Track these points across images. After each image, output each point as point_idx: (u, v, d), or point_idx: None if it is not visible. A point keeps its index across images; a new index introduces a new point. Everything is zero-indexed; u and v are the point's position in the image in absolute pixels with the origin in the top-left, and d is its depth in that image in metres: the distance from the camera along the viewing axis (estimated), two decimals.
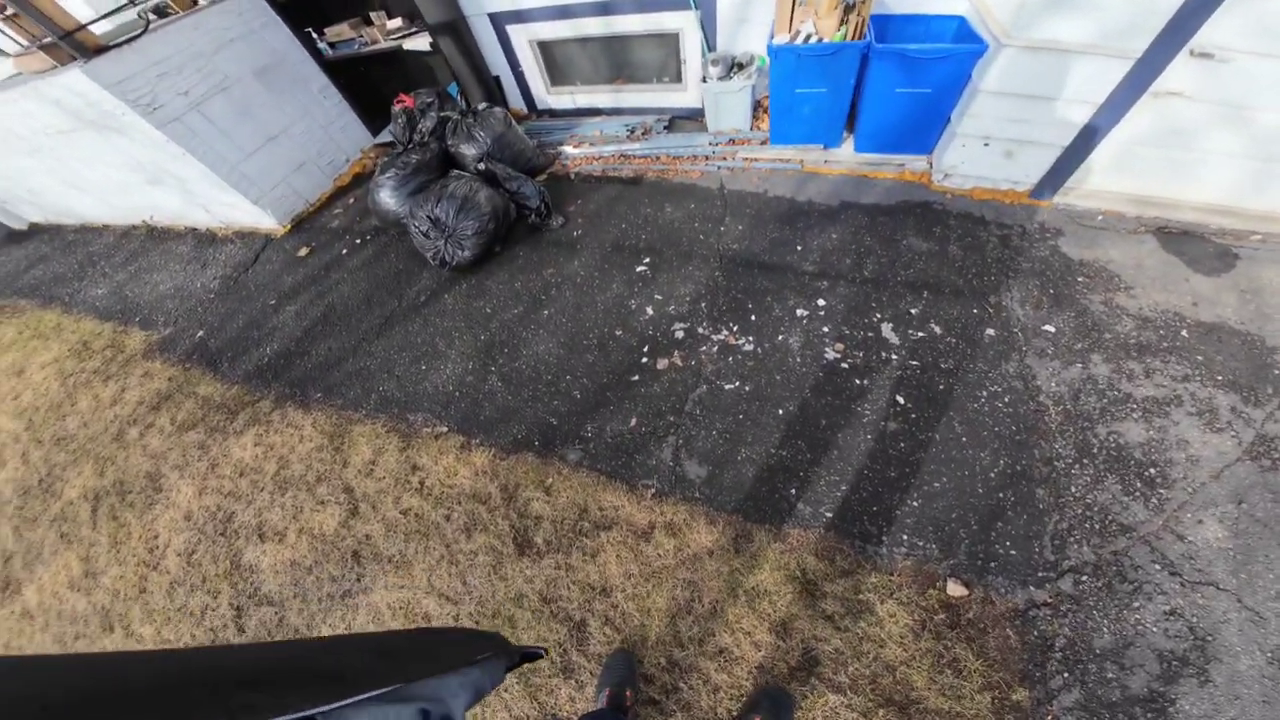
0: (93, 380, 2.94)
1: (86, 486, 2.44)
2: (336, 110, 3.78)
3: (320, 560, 1.91)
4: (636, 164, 3.19)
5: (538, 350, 2.38)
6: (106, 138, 3.01)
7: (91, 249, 4.21)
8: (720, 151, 3.04)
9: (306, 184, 3.66)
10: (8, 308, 3.87)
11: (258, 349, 2.81)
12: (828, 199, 2.67)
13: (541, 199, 2.87)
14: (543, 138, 3.54)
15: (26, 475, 2.60)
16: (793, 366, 2.08)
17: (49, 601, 2.13)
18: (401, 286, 2.88)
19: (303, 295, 3.04)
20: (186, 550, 2.08)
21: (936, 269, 2.29)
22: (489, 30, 3.31)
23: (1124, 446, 1.69)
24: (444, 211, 2.59)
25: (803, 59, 2.32)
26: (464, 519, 1.93)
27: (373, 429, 2.27)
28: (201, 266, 3.53)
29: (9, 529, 2.42)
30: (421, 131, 3.12)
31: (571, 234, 2.89)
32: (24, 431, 2.81)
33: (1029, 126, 2.16)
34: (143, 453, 2.47)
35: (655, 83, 3.37)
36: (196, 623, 1.90)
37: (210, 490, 2.23)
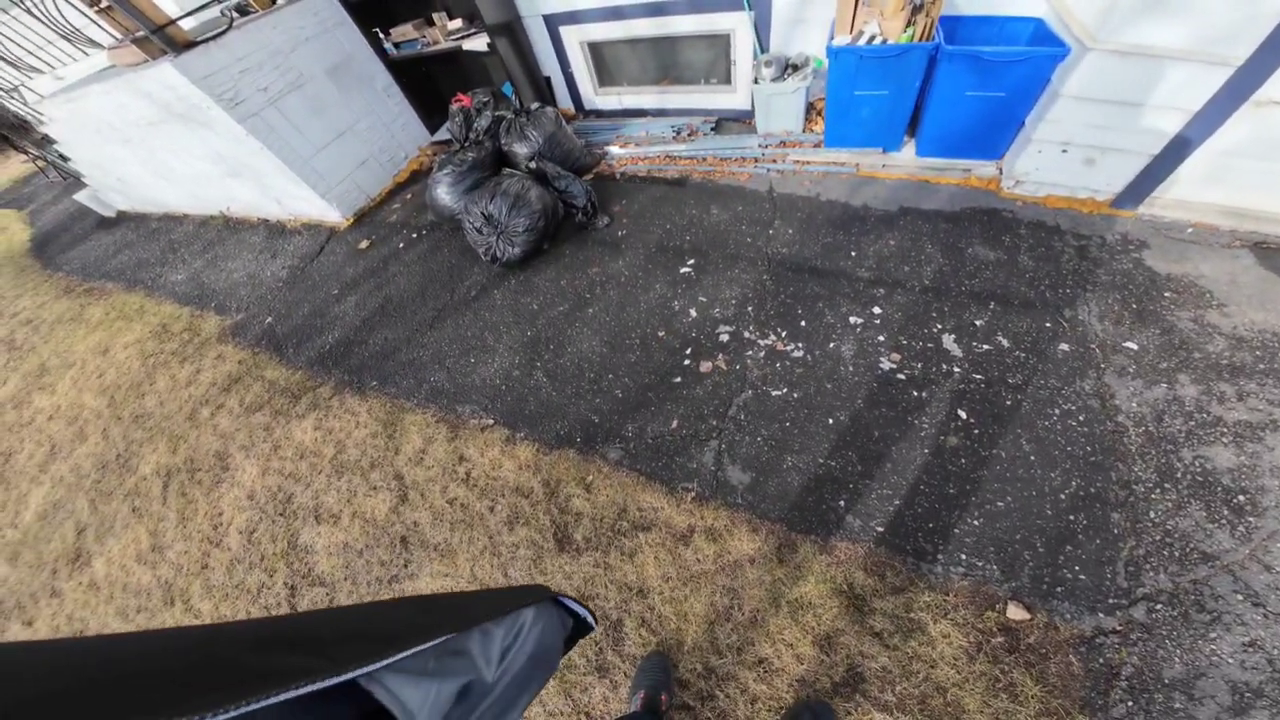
0: (170, 361, 3.18)
1: (160, 463, 2.63)
2: (398, 108, 3.95)
3: (371, 544, 2.00)
4: (682, 165, 3.18)
5: (581, 348, 2.41)
6: (193, 130, 3.24)
7: (173, 236, 4.55)
8: (770, 154, 2.99)
9: (369, 179, 3.84)
10: (97, 290, 4.23)
11: (320, 336, 2.96)
12: (885, 204, 2.58)
13: (588, 198, 2.90)
14: (590, 138, 3.58)
15: (106, 450, 2.83)
16: (844, 375, 2.03)
17: (116, 574, 2.28)
18: (454, 281, 2.98)
19: (362, 286, 3.18)
20: (248, 529, 2.21)
21: (1005, 279, 2.17)
22: (542, 31, 3.38)
23: (1211, 472, 1.56)
24: (497, 208, 2.66)
25: (865, 60, 2.25)
26: (507, 511, 1.98)
27: (423, 418, 2.35)
28: (272, 256, 3.76)
29: (85, 502, 2.63)
30: (477, 130, 3.22)
31: (616, 234, 2.91)
32: (106, 409, 3.06)
33: (1114, 133, 2.02)
34: (213, 432, 2.65)
35: (703, 84, 3.35)
36: (253, 600, 2.01)
37: (273, 471, 2.37)
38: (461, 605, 0.52)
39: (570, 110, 3.88)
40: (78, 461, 2.82)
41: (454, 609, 0.50)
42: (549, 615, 0.53)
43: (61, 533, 2.53)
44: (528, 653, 0.47)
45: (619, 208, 3.06)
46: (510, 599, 0.50)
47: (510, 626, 0.47)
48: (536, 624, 0.50)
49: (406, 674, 0.36)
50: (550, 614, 0.54)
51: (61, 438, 2.99)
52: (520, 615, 0.49)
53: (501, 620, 0.47)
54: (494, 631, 0.45)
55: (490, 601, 0.50)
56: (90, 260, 4.73)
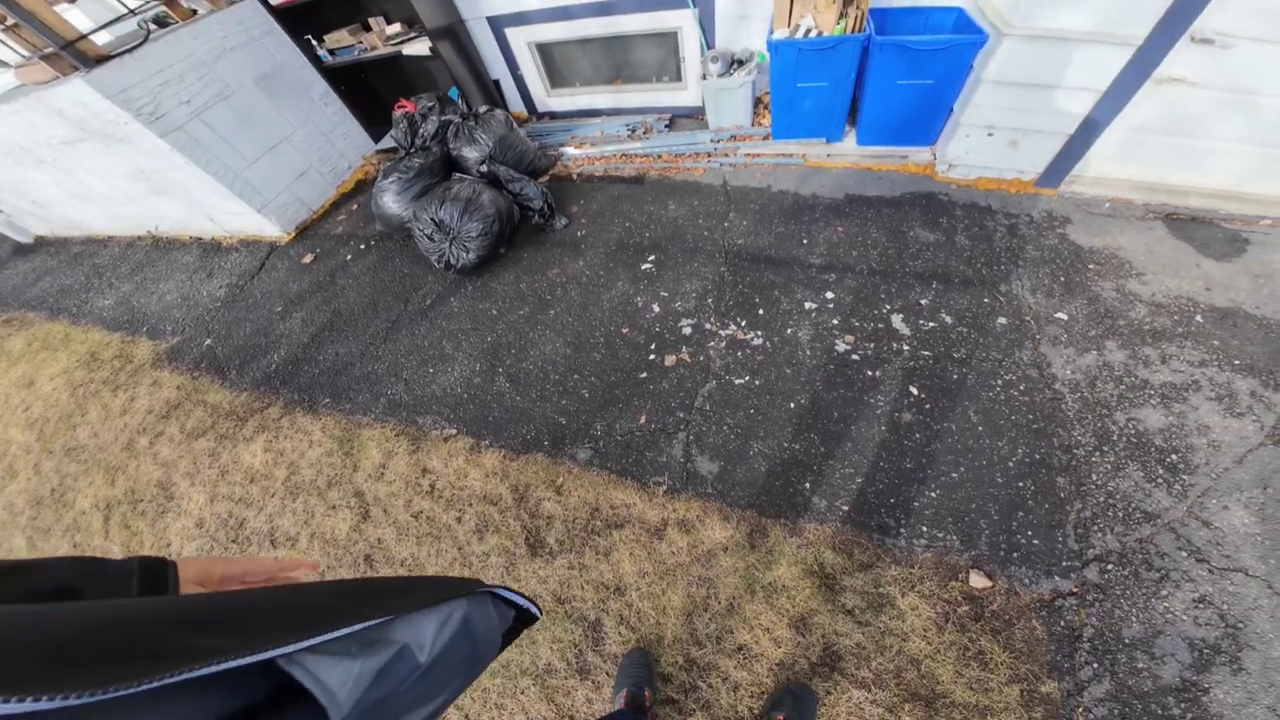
0: (102, 390, 2.94)
1: (99, 496, 2.43)
2: (338, 117, 3.80)
3: (333, 565, 1.90)
4: (639, 163, 3.19)
5: (545, 350, 2.38)
6: (110, 147, 3.02)
7: (98, 260, 4.23)
8: (722, 148, 3.04)
9: (309, 191, 3.67)
10: (15, 320, 3.88)
11: (265, 356, 2.81)
12: (832, 193, 2.67)
13: (545, 200, 2.87)
14: (544, 140, 3.55)
15: (39, 486, 2.60)
16: (803, 360, 2.07)
17: None
18: (407, 291, 2.88)
19: (309, 302, 3.04)
20: (199, 556, 2.07)
21: (945, 259, 2.27)
22: (488, 34, 3.33)
23: (1144, 433, 1.67)
24: (448, 214, 2.59)
25: (803, 53, 2.32)
26: (475, 521, 1.92)
27: (382, 433, 2.26)
28: (208, 275, 3.54)
29: (23, 540, 2.41)
30: (423, 136, 3.13)
31: (575, 234, 2.89)
32: (35, 443, 2.81)
33: (1032, 115, 2.15)
34: (153, 461, 2.47)
35: (655, 82, 3.37)
36: None
37: (221, 497, 2.22)
38: (391, 591, 0.51)
39: (523, 113, 3.83)
40: (10, 499, 2.57)
41: (382, 595, 0.48)
42: (484, 607, 0.52)
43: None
44: (458, 643, 0.46)
45: (577, 208, 3.04)
46: (443, 589, 0.50)
47: (444, 614, 0.46)
48: (472, 614, 0.49)
49: (328, 655, 0.36)
50: (486, 606, 0.53)
51: None
52: (454, 604, 0.48)
53: (432, 610, 0.45)
54: (423, 620, 0.44)
55: (423, 590, 0.50)
56: (7, 290, 4.34)
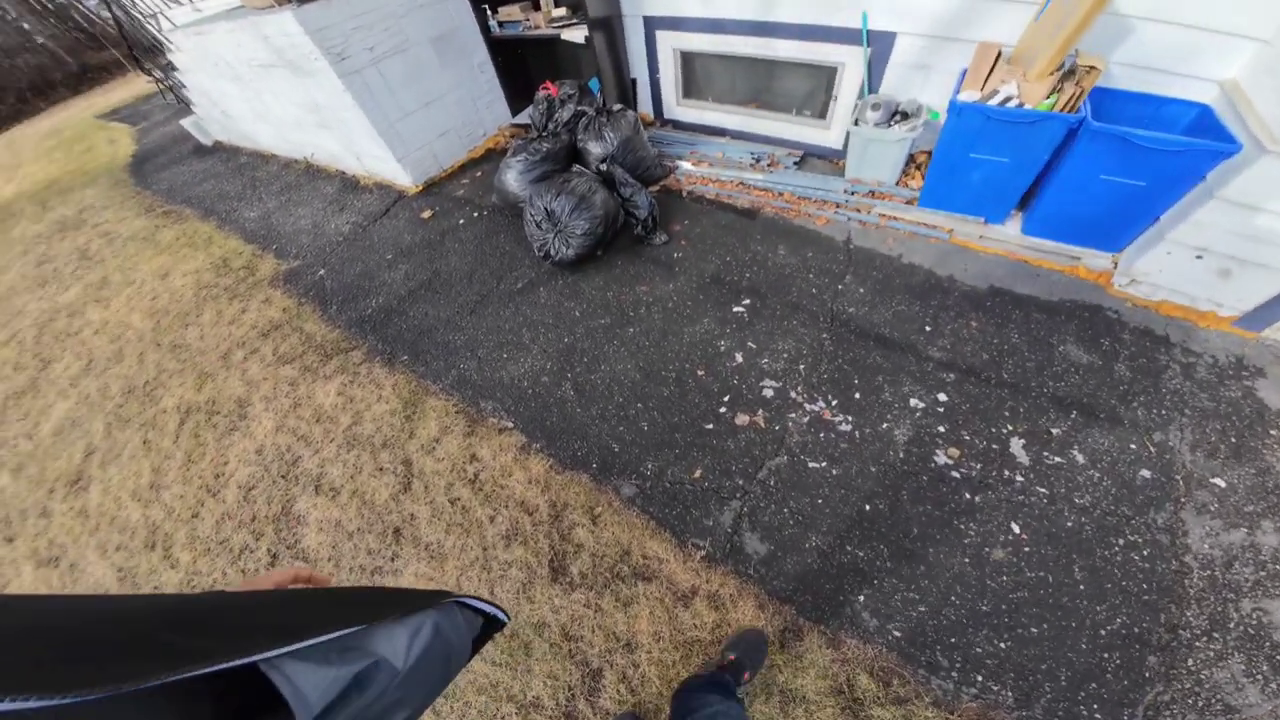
0: (220, 296, 3.27)
1: (183, 399, 2.67)
2: (488, 86, 3.98)
3: (364, 528, 1.95)
4: (755, 195, 3.02)
5: (615, 368, 2.30)
6: (296, 77, 3.34)
7: (257, 174, 4.74)
8: (855, 202, 2.80)
9: (445, 150, 3.88)
10: (174, 214, 4.45)
11: (365, 299, 2.98)
12: (974, 280, 2.35)
13: (651, 211, 2.79)
14: (664, 148, 3.48)
15: (137, 375, 2.90)
16: (892, 461, 1.84)
17: (108, 506, 2.31)
18: (503, 269, 2.93)
19: (415, 257, 3.19)
20: (248, 484, 2.21)
21: (1095, 387, 1.93)
22: (639, 32, 3.30)
23: (1266, 626, 1.41)
24: (560, 206, 2.59)
25: (991, 122, 2.03)
26: (507, 525, 1.89)
27: (445, 405, 2.30)
28: (340, 210, 3.84)
29: (102, 425, 2.68)
30: (557, 121, 3.17)
31: (672, 254, 2.79)
32: (150, 332, 3.16)
33: (1265, 248, 1.74)
34: (240, 377, 2.69)
35: (794, 114, 3.18)
36: (232, 560, 1.98)
37: (287, 429, 2.37)
38: (370, 601, 0.55)
39: (649, 116, 3.79)
40: (108, 381, 2.92)
41: (362, 604, 0.52)
42: (453, 616, 0.55)
43: (70, 452, 2.60)
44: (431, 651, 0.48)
45: (679, 227, 2.94)
46: (415, 600, 0.52)
47: (415, 625, 0.48)
48: (442, 623, 0.52)
49: (306, 661, 0.37)
50: (454, 615, 0.56)
51: (100, 354, 3.12)
52: (424, 615, 0.50)
53: (406, 619, 0.48)
54: (397, 629, 0.47)
55: (397, 601, 0.52)
56: (177, 184, 4.99)
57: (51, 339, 3.33)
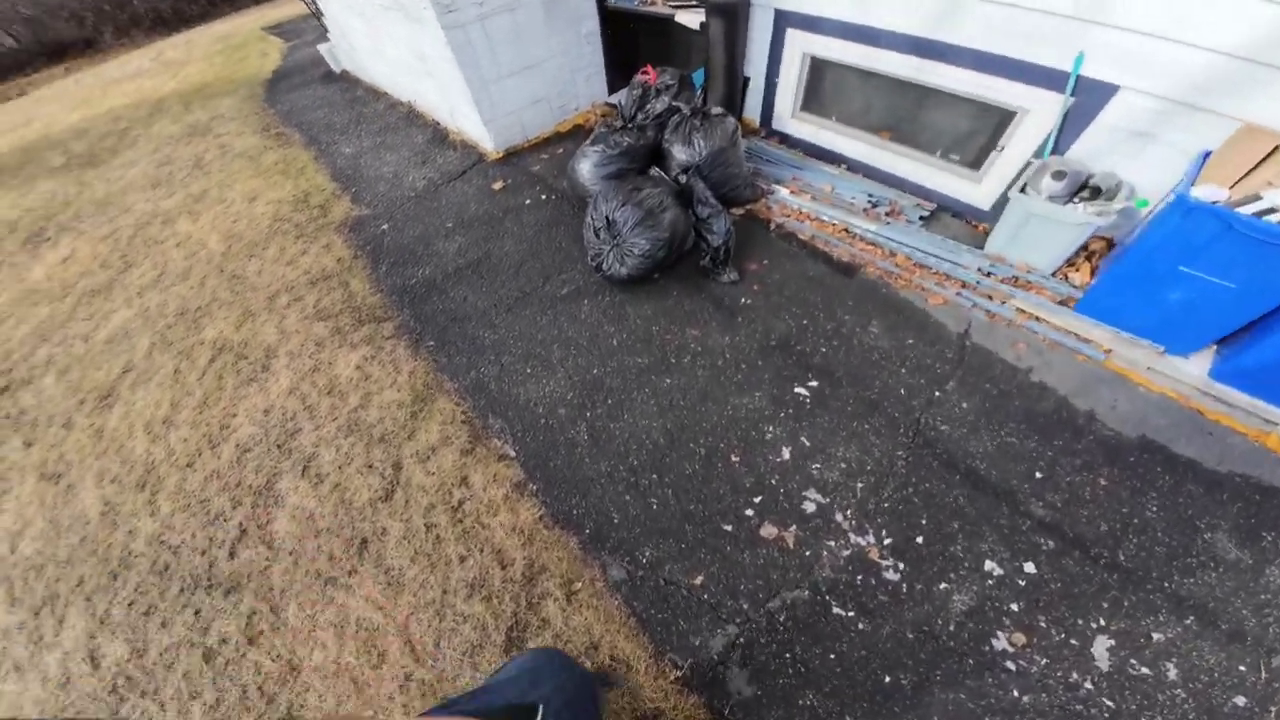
0: (289, 233, 3.31)
1: (220, 334, 2.68)
2: (591, 58, 3.70)
3: (333, 530, 1.84)
4: (860, 248, 2.53)
5: (639, 422, 2.01)
6: (409, 23, 3.25)
7: (364, 110, 4.80)
8: (988, 286, 2.24)
9: (534, 120, 3.68)
10: (284, 136, 4.60)
11: (413, 266, 2.88)
12: (1122, 423, 1.78)
13: (726, 243, 2.41)
14: (761, 165, 3.03)
15: (194, 299, 2.97)
16: (939, 631, 1.42)
17: (122, 432, 2.35)
18: (554, 268, 2.69)
19: (473, 232, 3.03)
20: (245, 445, 2.16)
21: (1230, 591, 1.40)
22: (766, 27, 2.83)
23: None
24: (624, 217, 2.28)
25: (1233, 234, 1.44)
26: (475, 573, 1.69)
27: (453, 409, 2.13)
28: (422, 162, 3.78)
29: (147, 342, 2.76)
30: (646, 112, 2.83)
31: (739, 298, 2.39)
32: (219, 256, 3.24)
33: None
34: (277, 325, 2.67)
35: (938, 155, 2.61)
36: (203, 525, 1.94)
37: (298, 393, 2.31)
38: None
39: (754, 122, 3.32)
40: (168, 299, 3.03)
41: None
42: None
43: (111, 366, 2.70)
44: None
45: (756, 267, 2.53)
46: None
47: None
48: None
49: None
50: None
51: (172, 269, 3.26)
52: None
53: None
54: None
55: None
56: (297, 107, 5.18)
57: (141, 243, 3.56)
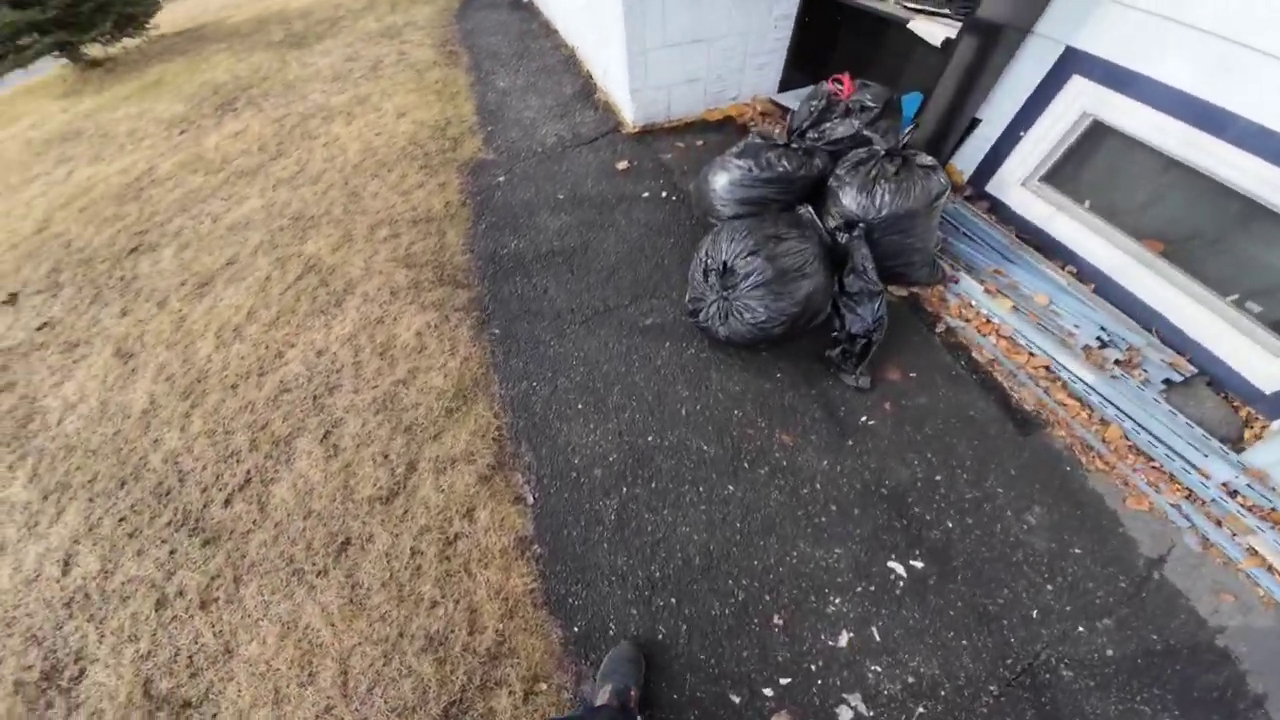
0: (415, 160, 3.22)
1: (315, 252, 2.64)
2: (773, 46, 3.11)
3: (322, 517, 1.70)
4: (1057, 398, 1.81)
5: (679, 527, 1.62)
6: None
7: (531, 45, 4.57)
8: (1225, 508, 1.49)
9: (683, 100, 3.22)
10: (455, 56, 4.54)
11: (510, 234, 2.65)
12: None
13: (871, 333, 1.85)
14: (953, 236, 2.33)
15: (310, 208, 2.96)
16: None
17: (199, 329, 2.38)
18: (645, 288, 2.30)
19: (581, 213, 2.73)
20: (286, 385, 2.09)
21: None
22: (1040, 64, 2.06)
23: None
24: (748, 269, 1.80)
25: None
26: (440, 626, 1.48)
27: (489, 420, 1.90)
28: (560, 116, 3.51)
29: (258, 240, 2.80)
30: (823, 133, 2.26)
31: (858, 414, 1.84)
32: (350, 168, 3.22)
33: None
34: (364, 260, 2.58)
35: (1229, 300, 1.77)
36: (215, 459, 1.89)
37: (354, 344, 2.20)
38: None
39: (962, 176, 2.56)
40: (293, 199, 3.06)
41: None
42: None
43: (221, 254, 2.77)
44: None
45: (897, 378, 1.93)
46: None
47: None
48: None
49: None
50: None
51: (310, 168, 3.30)
52: None
53: None
54: None
55: None
56: (477, 28, 5.08)
57: (299, 134, 3.70)
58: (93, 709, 1.38)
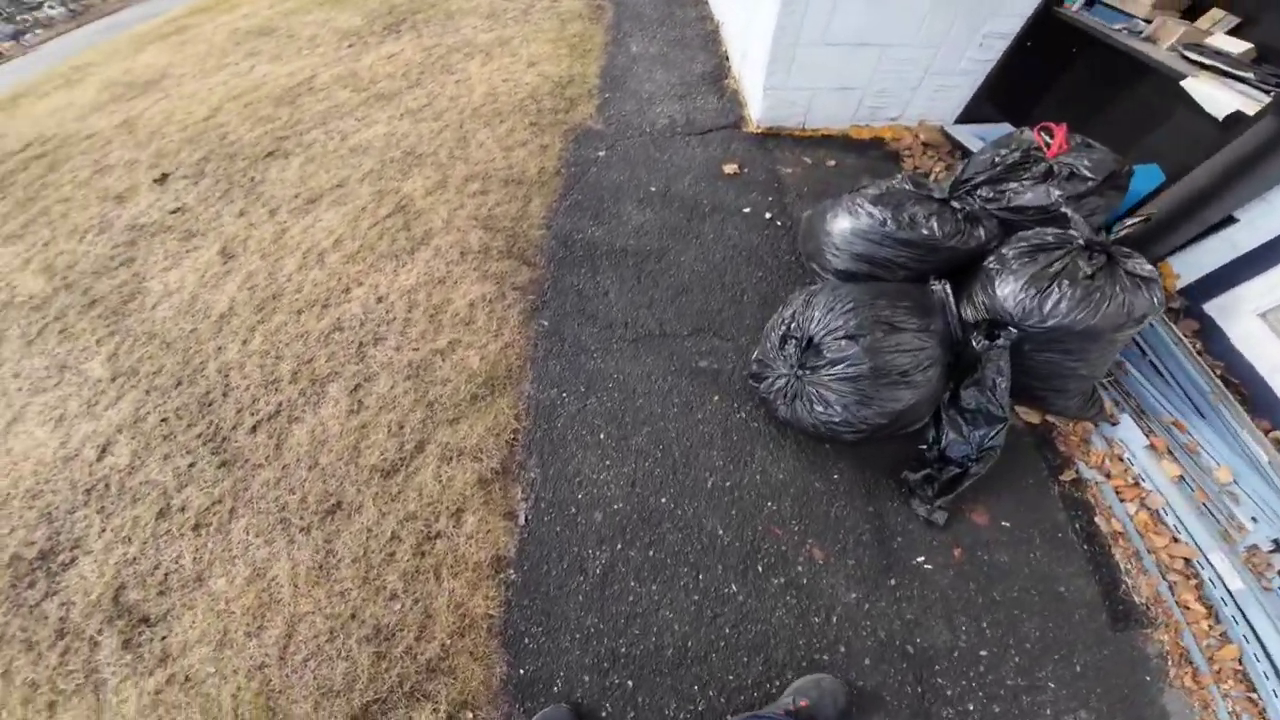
0: (528, 115, 3.08)
1: (411, 192, 2.62)
2: (969, 66, 2.53)
3: (326, 472, 1.69)
4: (1181, 599, 1.32)
5: (662, 609, 1.42)
6: None
7: (677, 12, 4.12)
8: None
9: (826, 109, 2.77)
10: (601, 10, 4.28)
11: (590, 218, 2.48)
12: None
13: (968, 466, 1.45)
14: (1131, 362, 1.78)
15: (425, 143, 2.94)
16: None
17: (291, 244, 2.44)
18: (711, 323, 2.03)
19: (668, 214, 2.47)
20: (341, 324, 2.09)
21: None
22: None
23: None
24: (835, 353, 1.46)
25: None
26: (391, 621, 1.44)
27: (509, 418, 1.79)
28: (680, 97, 3.22)
29: (369, 166, 2.81)
30: (1002, 195, 1.79)
31: (913, 554, 1.46)
32: (468, 111, 3.16)
33: None
34: (451, 210, 2.51)
35: None
36: (260, 382, 1.94)
37: (410, 299, 2.15)
38: None
39: (1174, 284, 1.93)
40: (411, 133, 3.06)
41: None
42: None
43: (334, 174, 2.82)
44: None
45: (983, 520, 1.52)
46: None
47: None
48: None
49: None
50: None
51: (435, 104, 3.29)
52: None
53: None
54: None
55: None
56: None
57: (439, 68, 3.71)
58: (65, 600, 1.51)
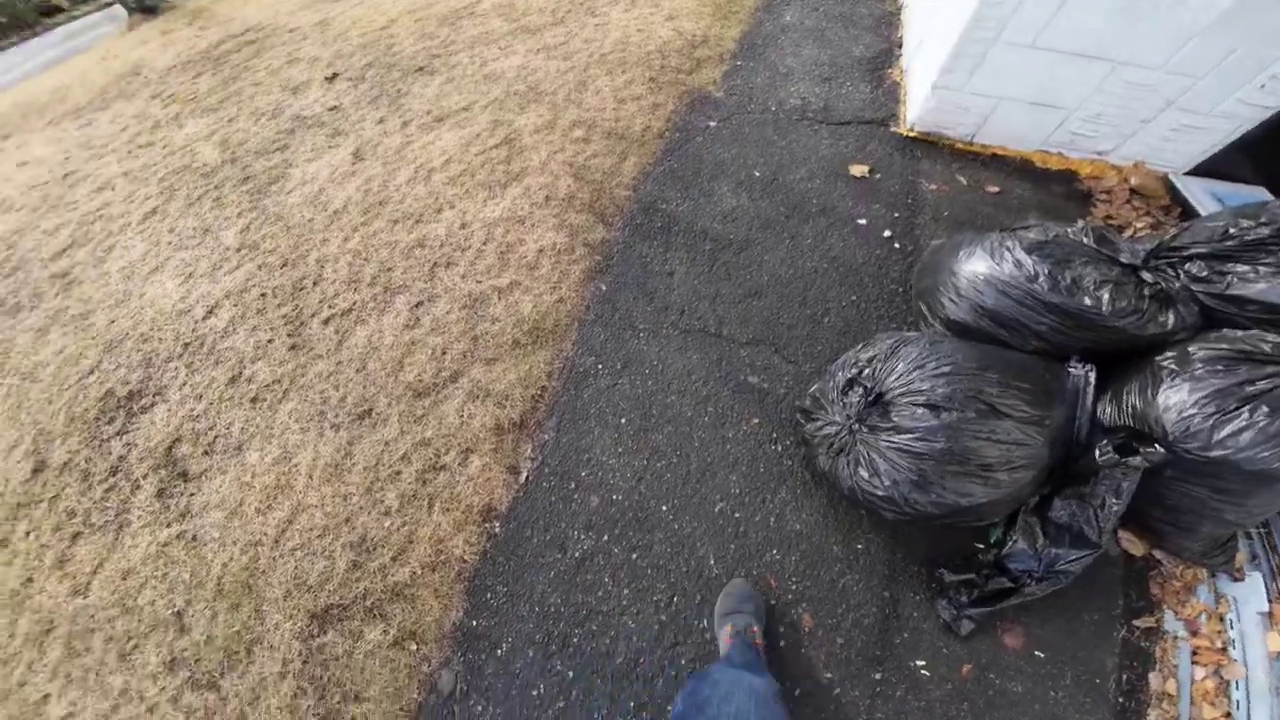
0: (647, 72, 2.88)
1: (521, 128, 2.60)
2: (1233, 109, 1.85)
3: (367, 379, 1.77)
4: None
5: (626, 617, 1.34)
6: None
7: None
8: None
9: (1010, 124, 2.23)
10: None
11: (680, 190, 2.29)
12: None
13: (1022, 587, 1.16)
14: None
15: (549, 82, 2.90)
16: None
17: (409, 157, 2.47)
18: (774, 336, 1.80)
19: (770, 203, 2.21)
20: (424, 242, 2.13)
21: None
22: None
23: None
24: (907, 420, 1.17)
25: None
26: (376, 535, 1.52)
27: (542, 377, 1.77)
28: (824, 80, 2.83)
29: (494, 95, 2.83)
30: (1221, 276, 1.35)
31: (914, 654, 1.22)
32: (598, 57, 3.06)
33: None
34: (548, 154, 2.45)
35: None
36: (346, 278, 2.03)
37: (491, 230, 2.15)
38: None
39: None
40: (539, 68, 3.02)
41: None
42: None
43: (464, 98, 2.86)
44: None
45: (1016, 644, 1.21)
46: None
47: None
48: None
49: None
50: None
51: (570, 44, 3.20)
52: None
53: None
54: None
55: None
56: None
57: (584, 9, 3.54)
58: (130, 440, 1.75)
